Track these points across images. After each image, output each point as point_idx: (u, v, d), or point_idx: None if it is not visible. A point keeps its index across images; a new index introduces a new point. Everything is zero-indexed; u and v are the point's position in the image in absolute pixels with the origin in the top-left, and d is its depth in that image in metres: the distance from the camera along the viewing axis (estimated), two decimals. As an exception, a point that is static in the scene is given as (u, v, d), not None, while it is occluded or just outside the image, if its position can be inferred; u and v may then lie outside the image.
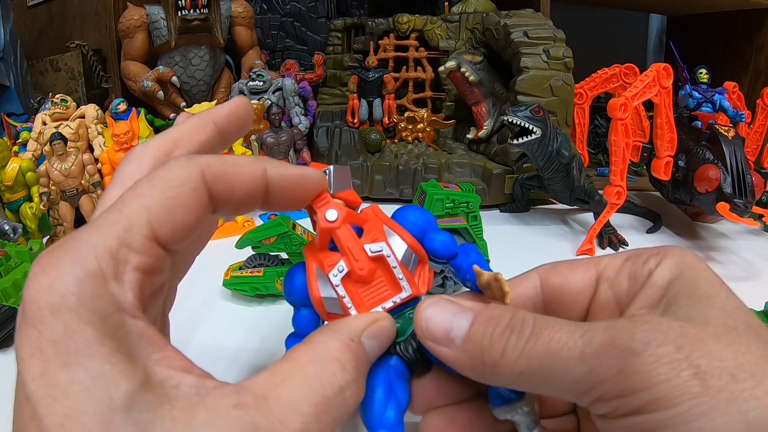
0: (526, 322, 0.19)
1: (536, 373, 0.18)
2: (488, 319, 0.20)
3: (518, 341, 0.19)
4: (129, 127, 0.66)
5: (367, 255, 0.23)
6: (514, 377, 0.19)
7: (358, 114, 0.92)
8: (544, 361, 0.18)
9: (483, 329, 0.20)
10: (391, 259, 0.24)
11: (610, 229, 0.66)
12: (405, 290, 0.24)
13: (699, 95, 0.80)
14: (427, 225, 0.25)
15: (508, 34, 0.83)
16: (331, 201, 0.24)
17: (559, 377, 0.18)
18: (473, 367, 0.20)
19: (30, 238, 0.66)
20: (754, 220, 0.57)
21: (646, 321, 0.18)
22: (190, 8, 0.90)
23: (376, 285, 0.24)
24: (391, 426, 0.22)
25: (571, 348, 0.18)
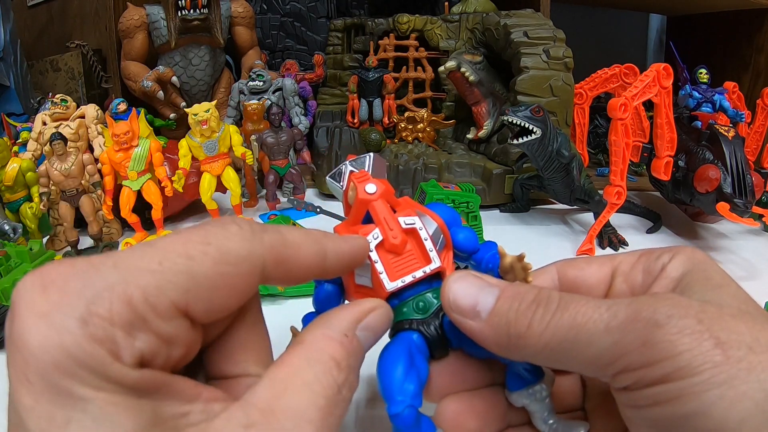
0: (551, 297, 0.20)
1: (561, 345, 0.19)
2: (514, 295, 0.21)
3: (545, 314, 0.19)
4: (129, 127, 0.66)
5: (401, 227, 0.24)
6: (539, 349, 0.19)
7: (358, 114, 0.92)
8: (569, 333, 0.19)
9: (509, 304, 0.20)
10: (423, 232, 0.25)
11: (610, 229, 0.66)
12: (434, 261, 0.24)
13: (699, 95, 0.80)
14: (453, 220, 0.27)
15: (508, 34, 0.83)
16: (370, 178, 0.25)
17: (584, 350, 0.18)
18: (498, 341, 0.20)
19: (30, 238, 0.66)
20: (754, 220, 0.57)
21: (668, 297, 0.19)
22: (190, 8, 0.90)
23: (407, 256, 0.24)
24: (411, 395, 0.22)
25: (596, 321, 0.18)
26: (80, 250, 0.67)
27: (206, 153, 0.70)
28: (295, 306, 0.51)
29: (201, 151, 0.70)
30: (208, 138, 0.69)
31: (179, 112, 0.97)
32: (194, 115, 0.68)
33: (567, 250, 0.65)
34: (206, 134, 0.69)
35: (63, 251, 0.67)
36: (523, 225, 0.74)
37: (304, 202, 0.62)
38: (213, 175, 0.71)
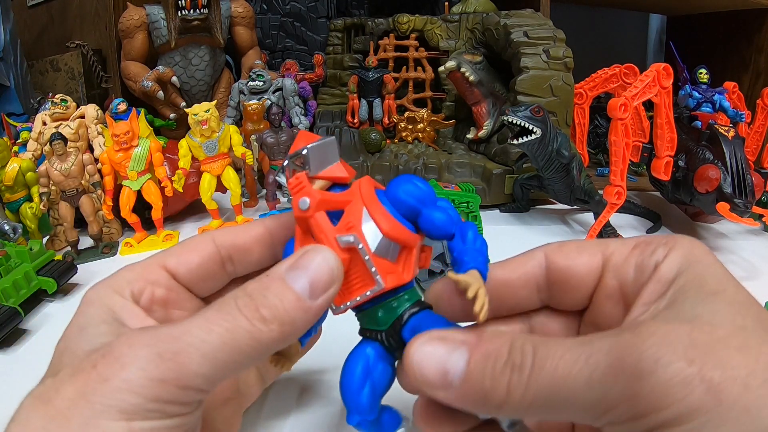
0: (525, 353, 0.18)
1: (545, 404, 0.18)
2: (485, 356, 0.19)
3: (521, 377, 0.18)
4: (129, 127, 0.66)
5: (339, 245, 0.22)
6: (523, 411, 0.19)
7: (358, 114, 0.92)
8: (551, 392, 0.18)
9: (482, 367, 0.19)
10: (363, 251, 0.22)
11: (610, 229, 0.66)
12: (378, 284, 0.22)
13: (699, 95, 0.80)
14: (420, 201, 0.23)
15: (508, 34, 0.83)
16: (305, 187, 0.23)
17: (569, 405, 0.18)
18: (475, 407, 0.20)
19: (30, 238, 0.66)
20: (754, 220, 0.57)
21: (652, 332, 0.17)
22: (190, 8, 0.90)
23: (353, 274, 0.23)
24: (364, 410, 0.22)
25: (576, 376, 0.17)
26: (80, 250, 0.67)
27: (206, 153, 0.70)
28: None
29: (201, 151, 0.70)
30: (208, 138, 0.69)
31: (179, 112, 0.97)
32: (194, 115, 0.68)
33: (567, 250, 0.65)
34: (206, 134, 0.69)
35: (63, 251, 0.67)
36: (523, 225, 0.74)
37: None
38: (213, 175, 0.71)
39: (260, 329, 0.20)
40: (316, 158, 0.23)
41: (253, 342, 0.20)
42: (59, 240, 0.69)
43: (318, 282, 0.21)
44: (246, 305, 0.20)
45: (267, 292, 0.20)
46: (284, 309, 0.20)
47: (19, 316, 0.46)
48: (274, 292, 0.20)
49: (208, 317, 0.20)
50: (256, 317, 0.20)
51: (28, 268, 0.52)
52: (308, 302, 0.21)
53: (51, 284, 0.52)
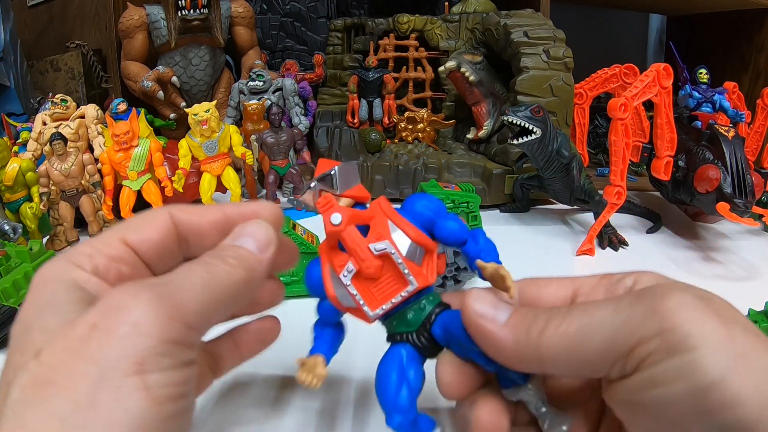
0: (560, 308, 0.21)
1: (578, 334, 0.20)
2: (527, 308, 0.22)
3: (558, 313, 0.21)
4: (129, 127, 0.66)
5: (373, 254, 0.25)
6: (557, 343, 0.20)
7: (358, 114, 0.92)
8: (582, 320, 0.20)
9: (525, 311, 0.22)
10: (396, 256, 0.25)
11: (610, 229, 0.66)
12: (412, 284, 0.25)
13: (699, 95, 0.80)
14: (435, 213, 0.26)
15: (508, 34, 0.83)
16: (334, 205, 0.25)
17: (599, 332, 0.19)
18: (518, 341, 0.21)
19: (30, 238, 0.66)
20: (754, 220, 0.57)
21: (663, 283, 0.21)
22: (190, 8, 0.90)
23: (385, 280, 0.25)
24: (403, 409, 0.24)
25: (605, 307, 0.20)
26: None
27: (206, 153, 0.70)
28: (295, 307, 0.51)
29: (201, 151, 0.70)
30: (208, 138, 0.69)
31: (179, 112, 0.97)
32: (194, 115, 0.68)
33: (567, 250, 0.65)
34: (206, 134, 0.69)
35: (63, 251, 0.67)
36: (523, 225, 0.74)
37: (304, 202, 0.62)
38: (213, 175, 0.71)
39: (233, 270, 0.22)
40: (342, 179, 0.26)
41: (230, 281, 0.22)
42: (59, 240, 0.69)
43: (261, 239, 0.25)
44: (215, 257, 0.23)
45: (225, 251, 0.23)
46: (245, 258, 0.23)
47: (19, 316, 0.46)
48: (231, 250, 0.24)
49: (189, 267, 0.22)
50: (227, 263, 0.23)
51: (28, 268, 0.52)
52: (259, 254, 0.24)
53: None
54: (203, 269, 0.22)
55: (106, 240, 0.23)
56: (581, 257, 0.63)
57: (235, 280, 0.22)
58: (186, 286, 0.21)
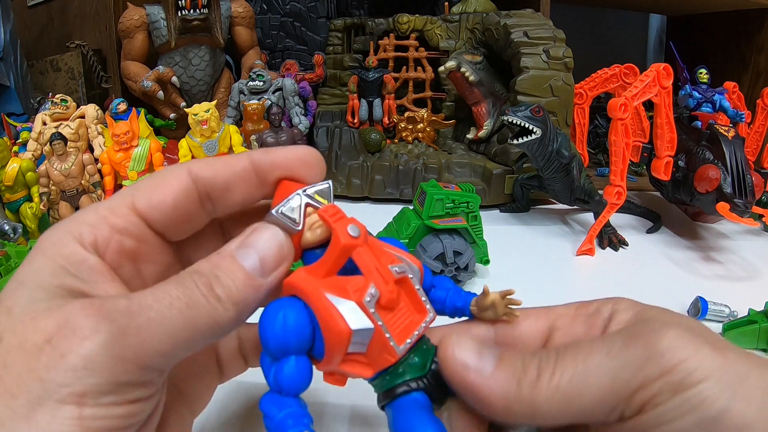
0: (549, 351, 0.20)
1: (573, 382, 0.19)
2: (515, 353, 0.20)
3: (548, 362, 0.19)
4: (129, 127, 0.66)
5: (394, 276, 0.21)
6: (552, 396, 0.19)
7: (358, 114, 0.92)
8: (576, 368, 0.19)
9: (512, 358, 0.20)
10: (414, 280, 0.22)
11: (610, 229, 0.66)
12: (429, 313, 0.22)
13: (699, 95, 0.80)
14: None
15: (508, 34, 0.83)
16: (344, 216, 0.21)
17: (595, 381, 0.18)
18: (506, 395, 0.19)
19: (30, 238, 0.66)
20: (754, 220, 0.57)
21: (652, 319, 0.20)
22: (190, 8, 0.90)
23: (400, 311, 0.21)
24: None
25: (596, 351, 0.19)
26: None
27: (206, 153, 0.70)
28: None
29: (201, 151, 0.70)
30: (208, 138, 0.69)
31: (179, 112, 0.97)
32: (194, 115, 0.68)
33: (567, 250, 0.65)
34: (206, 134, 0.69)
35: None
36: (523, 225, 0.74)
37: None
38: (213, 175, 0.71)
39: (216, 308, 0.19)
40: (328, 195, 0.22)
41: (210, 321, 0.19)
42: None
43: (268, 259, 0.21)
44: (203, 283, 0.19)
45: (219, 272, 0.20)
46: (236, 288, 0.20)
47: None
48: (225, 271, 0.20)
49: (169, 292, 0.19)
50: (212, 296, 0.19)
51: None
52: (259, 280, 0.20)
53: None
54: (184, 302, 0.19)
55: (113, 206, 0.21)
56: (581, 257, 0.63)
57: (216, 321, 0.19)
58: (159, 320, 0.18)
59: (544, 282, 0.57)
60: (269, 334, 0.19)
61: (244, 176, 0.22)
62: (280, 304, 0.20)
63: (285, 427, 0.19)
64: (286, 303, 0.20)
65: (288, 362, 0.20)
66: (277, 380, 0.20)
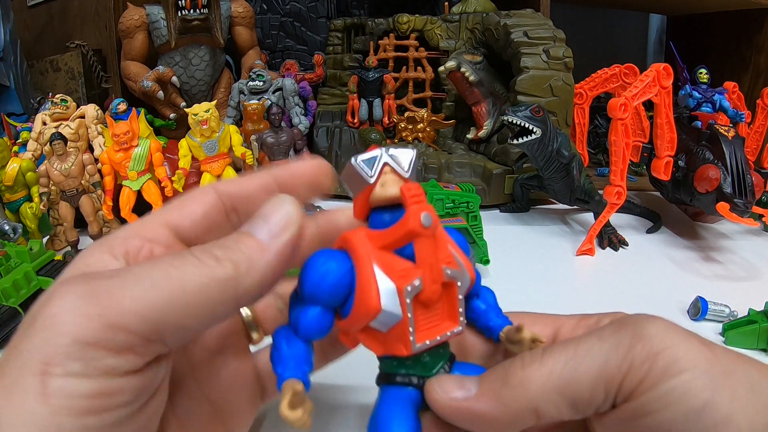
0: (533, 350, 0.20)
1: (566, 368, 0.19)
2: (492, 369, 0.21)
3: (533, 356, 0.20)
4: (129, 127, 0.66)
5: (443, 278, 0.20)
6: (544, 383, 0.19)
7: (358, 114, 0.92)
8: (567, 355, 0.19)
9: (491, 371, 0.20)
10: (461, 289, 0.21)
11: (610, 229, 0.66)
12: (460, 326, 0.21)
13: (699, 95, 0.80)
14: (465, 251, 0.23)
15: (508, 34, 0.83)
16: (424, 201, 0.20)
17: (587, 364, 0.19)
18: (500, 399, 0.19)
19: (30, 238, 0.66)
20: (754, 220, 0.57)
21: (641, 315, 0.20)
22: (190, 8, 0.90)
23: (435, 312, 0.21)
24: None
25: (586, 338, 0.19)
26: (80, 250, 0.67)
27: (206, 153, 0.70)
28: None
29: (201, 151, 0.70)
30: (208, 138, 0.69)
31: (179, 112, 0.97)
32: (194, 115, 0.68)
33: (567, 250, 0.65)
34: (206, 134, 0.69)
35: (63, 251, 0.67)
36: (523, 225, 0.74)
37: (304, 202, 0.62)
38: (213, 175, 0.71)
39: (209, 265, 0.18)
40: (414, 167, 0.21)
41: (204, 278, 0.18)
42: (59, 240, 0.69)
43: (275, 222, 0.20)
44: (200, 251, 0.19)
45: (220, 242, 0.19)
46: (239, 248, 0.19)
47: (20, 315, 0.46)
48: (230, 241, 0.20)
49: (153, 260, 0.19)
50: (208, 256, 0.18)
51: (28, 268, 0.52)
52: (266, 242, 0.20)
53: (51, 284, 0.52)
54: (167, 263, 0.18)
55: (144, 221, 0.22)
56: (581, 257, 0.63)
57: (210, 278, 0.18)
58: (128, 281, 0.17)
59: (544, 282, 0.57)
60: (307, 279, 0.20)
61: (267, 188, 0.23)
62: (330, 255, 0.20)
63: (285, 366, 0.19)
64: (337, 256, 0.20)
65: (314, 309, 0.20)
66: (297, 321, 0.20)
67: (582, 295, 0.55)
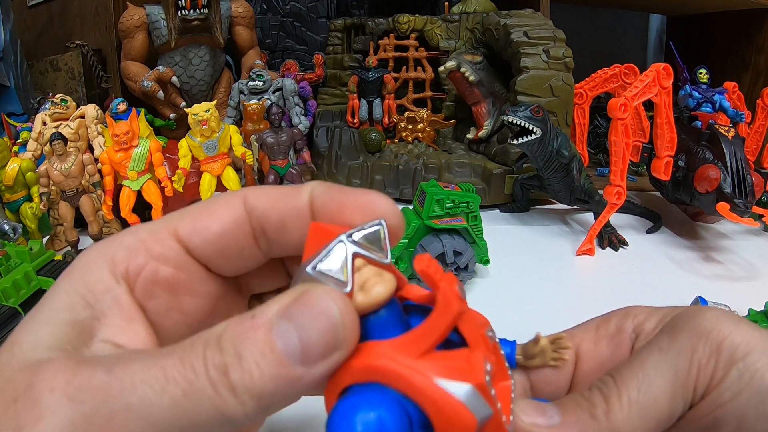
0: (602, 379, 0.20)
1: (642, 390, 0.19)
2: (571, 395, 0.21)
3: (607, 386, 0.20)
4: (129, 127, 0.66)
5: (491, 343, 0.17)
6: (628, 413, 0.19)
7: (358, 114, 0.92)
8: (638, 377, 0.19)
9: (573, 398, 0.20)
10: (502, 344, 0.20)
11: (610, 229, 0.66)
12: (511, 377, 0.19)
13: (699, 95, 0.80)
14: None
15: (508, 34, 0.83)
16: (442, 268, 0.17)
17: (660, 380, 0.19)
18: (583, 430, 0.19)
19: (30, 238, 0.66)
20: (754, 220, 0.57)
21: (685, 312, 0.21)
22: (190, 8, 0.90)
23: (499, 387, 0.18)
24: None
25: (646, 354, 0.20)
26: (80, 250, 0.67)
27: (206, 153, 0.70)
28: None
29: (201, 151, 0.70)
30: (208, 138, 0.69)
31: (179, 112, 0.97)
32: (194, 115, 0.68)
33: (567, 250, 0.65)
34: (206, 134, 0.69)
35: (63, 251, 0.67)
36: (523, 225, 0.74)
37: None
38: (213, 175, 0.71)
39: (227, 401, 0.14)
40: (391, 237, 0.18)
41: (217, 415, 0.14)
42: (59, 240, 0.69)
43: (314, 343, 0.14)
44: (214, 362, 0.14)
45: (244, 347, 0.14)
46: (260, 377, 0.14)
47: (20, 316, 0.46)
48: (252, 348, 0.14)
49: (166, 368, 0.14)
50: (224, 384, 0.14)
51: (28, 268, 0.52)
52: (297, 369, 0.14)
53: (51, 284, 0.52)
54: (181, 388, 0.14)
55: (154, 229, 0.19)
56: (581, 257, 0.63)
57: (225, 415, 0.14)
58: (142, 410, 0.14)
59: (544, 282, 0.57)
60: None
61: (302, 214, 0.18)
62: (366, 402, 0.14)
63: None
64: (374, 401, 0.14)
65: None
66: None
67: (582, 295, 0.55)
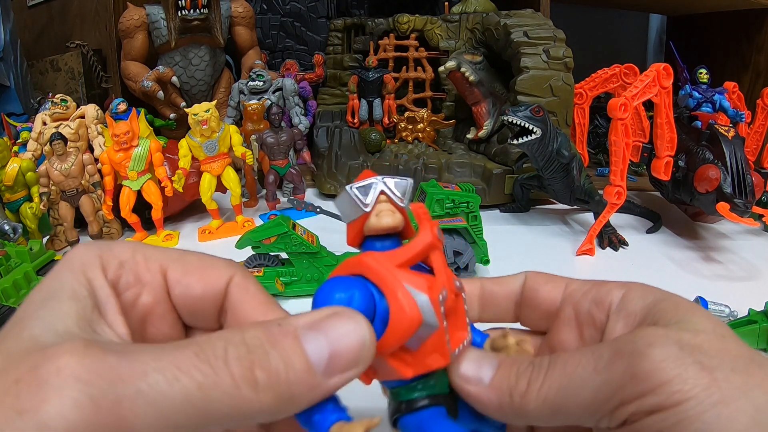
0: (543, 359, 0.21)
1: (559, 394, 0.19)
2: (512, 362, 0.21)
3: (539, 372, 0.20)
4: (129, 127, 0.66)
5: (455, 288, 0.21)
6: (540, 404, 0.20)
7: (358, 114, 0.92)
8: (563, 381, 0.19)
9: (509, 369, 0.21)
10: (465, 299, 0.22)
11: (610, 229, 0.66)
12: (469, 334, 0.22)
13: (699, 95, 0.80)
14: None
15: (508, 34, 0.83)
16: (430, 217, 0.21)
17: (579, 394, 0.19)
18: (501, 403, 0.21)
19: (30, 238, 0.66)
20: (754, 220, 0.57)
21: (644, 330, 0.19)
22: (190, 8, 0.90)
23: (451, 323, 0.21)
24: None
25: (585, 365, 0.19)
26: (80, 250, 0.67)
27: (206, 153, 0.70)
28: (297, 307, 0.51)
29: (201, 151, 0.70)
30: (208, 138, 0.69)
31: (179, 112, 0.97)
32: (194, 115, 0.68)
33: (567, 250, 0.65)
34: (206, 134, 0.69)
35: (63, 251, 0.67)
36: (523, 225, 0.74)
37: (304, 202, 0.62)
38: (213, 175, 0.71)
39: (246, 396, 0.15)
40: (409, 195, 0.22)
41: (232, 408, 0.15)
42: (59, 240, 0.69)
43: (341, 355, 0.16)
44: (239, 358, 0.15)
45: (273, 349, 0.16)
46: (287, 378, 0.15)
47: (19, 316, 0.46)
48: (281, 351, 0.15)
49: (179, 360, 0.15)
50: (247, 379, 0.15)
51: (28, 268, 0.52)
52: (319, 378, 0.16)
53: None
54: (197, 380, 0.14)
55: (148, 257, 0.20)
56: (581, 257, 0.63)
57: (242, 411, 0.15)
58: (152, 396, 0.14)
59: (544, 282, 0.57)
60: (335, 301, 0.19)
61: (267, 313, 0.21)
62: (348, 283, 0.19)
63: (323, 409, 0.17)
64: (355, 284, 0.19)
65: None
66: None
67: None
